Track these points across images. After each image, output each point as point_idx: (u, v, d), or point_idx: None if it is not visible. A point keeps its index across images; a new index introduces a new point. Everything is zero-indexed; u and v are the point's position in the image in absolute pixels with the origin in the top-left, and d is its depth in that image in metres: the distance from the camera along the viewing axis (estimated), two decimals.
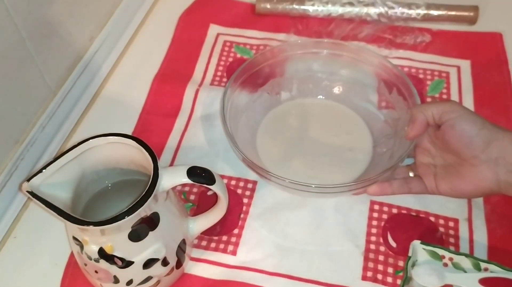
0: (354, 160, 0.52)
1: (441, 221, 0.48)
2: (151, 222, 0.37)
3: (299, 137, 0.54)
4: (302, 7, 0.65)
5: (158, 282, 0.41)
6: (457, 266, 0.44)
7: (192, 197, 0.50)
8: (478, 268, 0.43)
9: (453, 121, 0.43)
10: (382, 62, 0.53)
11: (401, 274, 0.45)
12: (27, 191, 0.35)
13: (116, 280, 0.39)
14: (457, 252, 0.44)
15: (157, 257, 0.39)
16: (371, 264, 0.45)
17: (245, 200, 0.50)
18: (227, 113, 0.50)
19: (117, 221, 0.34)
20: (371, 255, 0.46)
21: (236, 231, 0.48)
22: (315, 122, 0.55)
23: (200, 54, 0.64)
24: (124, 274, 0.39)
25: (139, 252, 0.38)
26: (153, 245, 0.38)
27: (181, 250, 0.42)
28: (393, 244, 0.47)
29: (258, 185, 0.51)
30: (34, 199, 0.35)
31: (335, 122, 0.55)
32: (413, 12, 0.64)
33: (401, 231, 0.47)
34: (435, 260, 0.44)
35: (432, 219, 0.48)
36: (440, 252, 0.44)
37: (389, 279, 0.44)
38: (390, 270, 0.45)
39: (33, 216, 0.50)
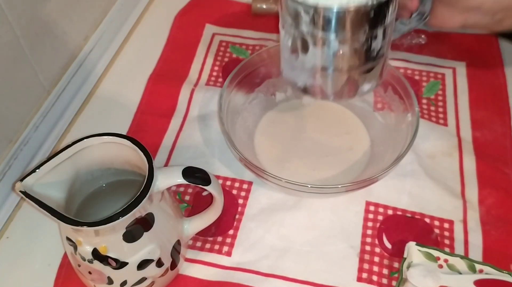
0: (351, 160, 0.52)
1: (436, 223, 0.48)
2: (146, 222, 0.37)
3: (296, 138, 0.54)
4: None
5: (152, 283, 0.41)
6: (452, 268, 0.44)
7: (187, 197, 0.50)
8: (473, 270, 0.43)
9: None
10: None
11: (396, 275, 0.45)
12: (20, 191, 0.35)
13: (110, 281, 0.39)
14: (452, 254, 0.44)
15: (151, 258, 0.39)
16: (366, 266, 0.45)
17: (241, 201, 0.50)
18: (224, 114, 0.50)
19: (111, 221, 0.34)
20: (366, 256, 0.46)
21: (231, 232, 0.48)
22: (312, 123, 0.55)
23: (196, 54, 0.63)
24: (118, 275, 0.38)
25: (134, 253, 0.38)
26: (147, 246, 0.38)
27: (175, 251, 0.42)
28: (388, 245, 0.47)
29: (253, 185, 0.51)
30: (27, 199, 0.35)
31: (332, 122, 0.55)
32: None
33: (396, 233, 0.47)
34: (430, 261, 0.44)
35: (427, 220, 0.48)
36: (435, 253, 0.44)
37: (384, 281, 0.44)
38: (385, 271, 0.45)
39: (26, 216, 0.50)
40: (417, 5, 0.45)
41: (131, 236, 0.37)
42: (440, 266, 0.44)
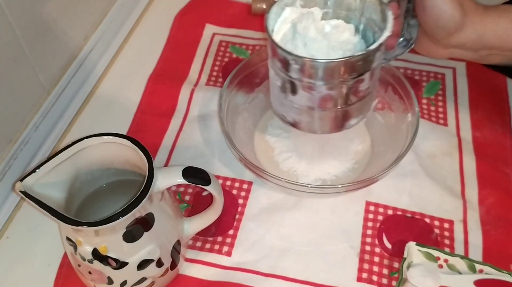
0: (351, 160, 0.52)
1: (436, 223, 0.48)
2: (146, 222, 0.37)
3: (296, 138, 0.54)
4: None
5: (152, 283, 0.41)
6: (452, 268, 0.44)
7: (187, 197, 0.50)
8: (473, 270, 0.43)
9: None
10: None
11: (396, 275, 0.45)
12: (20, 191, 0.35)
13: (110, 281, 0.39)
14: (452, 254, 0.44)
15: (151, 258, 0.39)
16: (366, 266, 0.45)
17: (241, 201, 0.50)
18: (224, 114, 0.50)
19: (111, 221, 0.34)
20: (366, 256, 0.46)
21: (231, 232, 0.48)
22: None
23: (196, 54, 0.63)
24: (118, 275, 0.38)
25: (134, 253, 0.38)
26: (147, 246, 0.38)
27: (175, 251, 0.42)
28: (388, 245, 0.47)
29: (253, 185, 0.51)
30: (27, 199, 0.35)
31: None
32: None
33: (396, 232, 0.47)
34: (430, 261, 0.44)
35: (427, 220, 0.48)
36: (435, 253, 0.44)
37: (384, 281, 0.44)
38: (385, 271, 0.45)
39: (26, 216, 0.50)
40: (394, 45, 0.45)
41: (131, 236, 0.37)
42: (440, 266, 0.44)
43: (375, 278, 0.45)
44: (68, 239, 0.38)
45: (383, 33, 0.39)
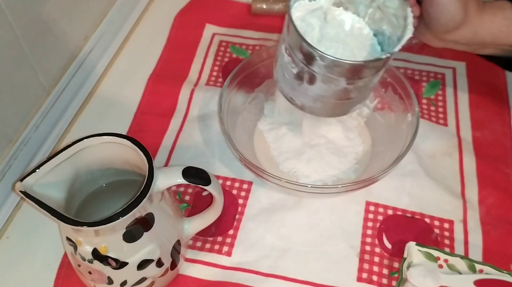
0: (351, 160, 0.52)
1: (436, 223, 0.48)
2: (146, 222, 0.37)
3: (296, 138, 0.54)
4: None
5: (152, 283, 0.41)
6: (452, 268, 0.44)
7: (187, 197, 0.50)
8: (473, 270, 0.43)
9: None
10: None
11: (396, 275, 0.45)
12: (20, 191, 0.35)
13: (110, 281, 0.39)
14: (452, 254, 0.44)
15: (151, 258, 0.39)
16: (366, 266, 0.45)
17: (241, 201, 0.50)
18: (224, 114, 0.50)
19: (111, 221, 0.34)
20: (366, 256, 0.46)
21: (231, 232, 0.48)
22: (312, 122, 0.55)
23: (196, 54, 0.63)
24: (118, 275, 0.38)
25: (134, 253, 0.38)
26: (147, 246, 0.38)
27: (175, 251, 0.42)
28: (388, 245, 0.47)
29: (253, 185, 0.51)
30: (27, 199, 0.35)
31: (332, 121, 0.55)
32: None
33: (397, 232, 0.47)
34: (430, 261, 0.44)
35: (427, 220, 0.48)
36: (435, 253, 0.44)
37: (384, 281, 0.44)
38: (385, 271, 0.45)
39: (26, 216, 0.50)
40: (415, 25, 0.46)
41: (131, 236, 0.37)
42: (440, 266, 0.44)
43: (375, 278, 0.45)
44: (68, 239, 0.38)
45: (405, 33, 0.40)
